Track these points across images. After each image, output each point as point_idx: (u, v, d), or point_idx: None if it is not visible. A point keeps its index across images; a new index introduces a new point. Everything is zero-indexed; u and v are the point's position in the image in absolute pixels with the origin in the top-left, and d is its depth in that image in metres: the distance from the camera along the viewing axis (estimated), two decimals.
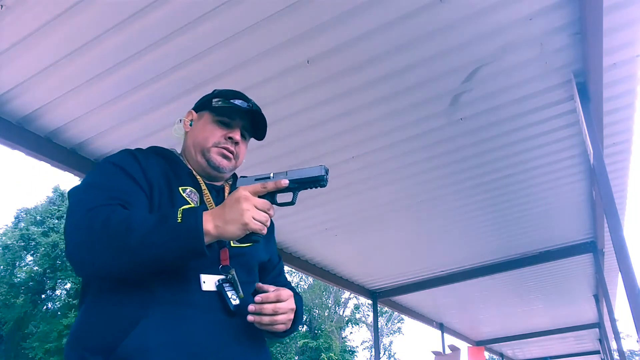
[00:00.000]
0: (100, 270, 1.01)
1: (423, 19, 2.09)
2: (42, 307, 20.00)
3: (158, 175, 1.16)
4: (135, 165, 1.14)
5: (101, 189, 1.06)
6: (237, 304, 1.08)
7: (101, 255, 0.96)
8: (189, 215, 0.97)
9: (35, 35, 2.11)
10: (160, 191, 1.13)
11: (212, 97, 1.32)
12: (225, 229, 0.98)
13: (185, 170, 1.26)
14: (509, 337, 8.92)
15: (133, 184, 1.10)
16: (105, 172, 1.12)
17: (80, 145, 2.87)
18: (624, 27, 2.16)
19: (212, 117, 1.29)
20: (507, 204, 3.81)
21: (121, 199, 1.04)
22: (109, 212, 0.98)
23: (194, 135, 1.30)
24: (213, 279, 1.09)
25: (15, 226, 21.21)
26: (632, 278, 2.19)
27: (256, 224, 0.99)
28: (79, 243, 0.98)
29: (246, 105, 1.27)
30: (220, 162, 1.25)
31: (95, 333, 1.00)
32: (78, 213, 1.01)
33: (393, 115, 2.72)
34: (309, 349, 22.51)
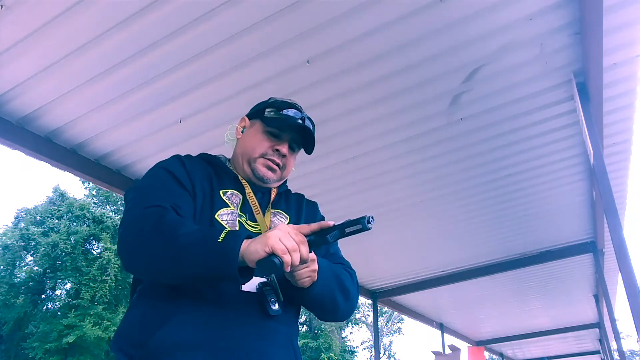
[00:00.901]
0: (143, 271, 1.06)
1: (423, 19, 2.09)
2: (42, 307, 19.98)
3: (201, 179, 1.21)
4: (182, 170, 1.20)
5: (155, 191, 1.13)
6: (276, 308, 1.08)
7: (151, 253, 1.00)
8: (230, 236, 0.96)
9: (35, 35, 2.11)
10: (203, 193, 1.17)
11: (265, 107, 1.34)
12: (250, 246, 0.94)
13: (230, 175, 1.29)
14: (509, 337, 8.92)
15: (180, 188, 1.15)
16: (158, 176, 1.19)
17: (80, 145, 2.87)
18: (624, 27, 2.16)
19: (263, 127, 1.30)
20: (507, 204, 3.81)
21: (172, 202, 1.09)
22: (163, 212, 1.04)
23: (244, 144, 1.32)
24: (254, 281, 1.07)
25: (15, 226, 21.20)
26: (632, 278, 2.19)
27: (279, 244, 0.93)
28: (132, 237, 1.04)
29: (298, 119, 1.29)
30: (265, 173, 1.27)
31: (133, 328, 1.06)
32: (135, 211, 1.07)
33: (393, 115, 2.72)
34: (309, 349, 22.51)
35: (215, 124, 2.72)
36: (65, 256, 19.60)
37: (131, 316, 1.10)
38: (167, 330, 1.00)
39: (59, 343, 17.81)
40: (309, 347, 22.47)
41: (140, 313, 1.08)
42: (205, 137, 2.82)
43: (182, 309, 1.03)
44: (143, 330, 1.02)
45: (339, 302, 1.20)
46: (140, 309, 1.10)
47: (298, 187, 3.86)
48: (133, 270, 1.10)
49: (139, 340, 1.01)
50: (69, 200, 21.71)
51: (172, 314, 1.02)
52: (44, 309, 20.00)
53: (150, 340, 0.99)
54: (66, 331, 18.00)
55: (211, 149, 1.99)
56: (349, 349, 25.47)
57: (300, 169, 3.21)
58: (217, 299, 1.05)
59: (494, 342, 9.18)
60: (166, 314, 1.02)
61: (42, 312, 19.57)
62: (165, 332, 0.99)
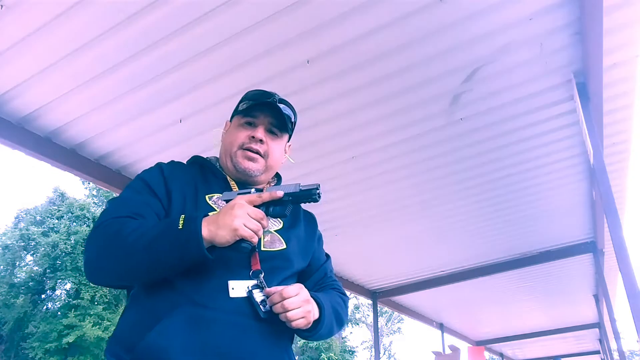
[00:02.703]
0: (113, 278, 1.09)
1: (423, 19, 2.09)
2: (42, 307, 19.98)
3: (182, 185, 1.20)
4: (159, 178, 1.20)
5: (122, 202, 1.15)
6: (267, 309, 1.07)
7: (114, 261, 1.03)
8: (190, 221, 1.01)
9: (35, 35, 2.11)
10: (184, 200, 1.17)
11: (239, 102, 1.34)
12: (217, 233, 1.00)
13: (219, 177, 1.29)
14: (509, 337, 8.91)
15: (152, 197, 1.16)
16: (131, 187, 1.20)
17: (80, 145, 2.87)
18: (624, 27, 2.16)
19: (239, 121, 1.30)
20: (507, 204, 3.81)
21: (135, 211, 1.10)
22: (123, 223, 1.05)
23: (224, 142, 1.33)
24: (243, 284, 1.08)
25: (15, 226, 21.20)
26: (632, 278, 2.19)
27: (246, 231, 1.01)
28: (93, 252, 1.06)
29: (268, 100, 1.27)
30: (246, 165, 1.25)
31: (125, 332, 1.06)
32: (100, 221, 1.09)
33: (393, 115, 2.72)
34: (309, 349, 22.51)
35: (215, 124, 2.71)
36: (65, 256, 19.60)
37: (124, 320, 1.10)
38: (157, 333, 0.99)
39: (59, 343, 17.81)
40: (309, 347, 22.47)
41: (132, 316, 1.09)
42: (205, 137, 2.82)
43: (173, 311, 1.02)
44: (134, 334, 1.02)
45: (333, 334, 1.25)
46: (133, 312, 1.10)
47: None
48: (101, 282, 1.12)
49: (129, 344, 1.01)
50: (69, 200, 21.72)
51: (163, 317, 1.02)
52: (44, 309, 20.00)
53: (139, 343, 0.99)
54: (66, 331, 18.00)
55: (211, 148, 1.99)
56: (349, 349, 25.47)
57: (301, 169, 3.21)
58: (208, 303, 1.05)
59: (494, 342, 9.18)
60: (157, 316, 1.02)
61: (42, 312, 19.57)
62: (154, 335, 0.99)
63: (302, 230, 1.32)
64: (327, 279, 1.35)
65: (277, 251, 1.18)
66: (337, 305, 1.26)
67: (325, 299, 1.18)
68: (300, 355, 22.82)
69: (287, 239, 1.22)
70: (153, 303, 1.06)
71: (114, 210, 1.12)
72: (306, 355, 22.51)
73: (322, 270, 1.35)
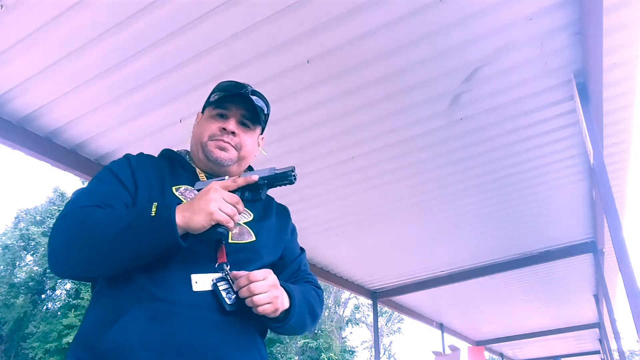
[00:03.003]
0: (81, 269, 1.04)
1: (423, 19, 2.09)
2: (42, 307, 20.00)
3: (149, 177, 1.18)
4: (126, 169, 1.18)
5: (90, 192, 1.12)
6: (232, 302, 1.04)
7: (82, 251, 1.00)
8: (163, 208, 1.00)
9: (35, 35, 2.11)
10: (151, 192, 1.15)
11: (211, 94, 1.32)
12: (192, 218, 0.99)
13: (188, 169, 1.26)
14: (509, 337, 8.91)
15: (120, 187, 1.13)
16: (98, 177, 1.17)
17: (80, 145, 2.87)
18: (624, 27, 2.16)
19: (210, 112, 1.29)
20: (507, 204, 3.81)
21: (102, 201, 1.08)
22: (91, 212, 1.03)
23: (195, 134, 1.31)
24: (208, 278, 1.05)
25: (15, 226, 21.22)
26: (632, 278, 2.19)
27: (221, 215, 1.00)
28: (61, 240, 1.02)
29: (240, 91, 1.25)
30: (218, 154, 1.23)
31: (86, 331, 1.02)
32: (65, 211, 1.06)
33: (393, 115, 2.72)
34: (309, 349, 22.51)
35: None
36: None
37: (85, 318, 1.07)
38: (117, 331, 0.96)
39: (59, 343, 17.82)
40: (309, 347, 22.47)
41: (94, 315, 1.05)
42: None
43: (133, 307, 0.99)
44: (94, 332, 0.99)
45: (307, 328, 1.22)
46: (94, 309, 1.06)
47: (298, 186, 3.84)
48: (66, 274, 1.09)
49: (90, 343, 0.98)
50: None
51: (123, 314, 0.98)
52: (44, 309, 20.02)
53: (99, 342, 0.96)
54: (66, 331, 18.01)
55: None
56: (349, 349, 25.47)
57: (300, 169, 3.21)
58: (170, 297, 1.01)
59: (494, 342, 9.18)
60: (117, 313, 0.99)
61: (42, 312, 19.58)
62: (114, 332, 0.96)
63: (273, 222, 1.29)
64: (301, 272, 1.32)
65: (246, 244, 1.16)
66: (311, 297, 1.22)
67: (296, 289, 1.15)
68: (300, 355, 22.82)
69: (257, 232, 1.20)
70: (113, 299, 1.03)
71: (80, 200, 1.09)
72: (306, 355, 22.51)
73: (296, 264, 1.32)
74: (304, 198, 3.53)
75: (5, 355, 18.57)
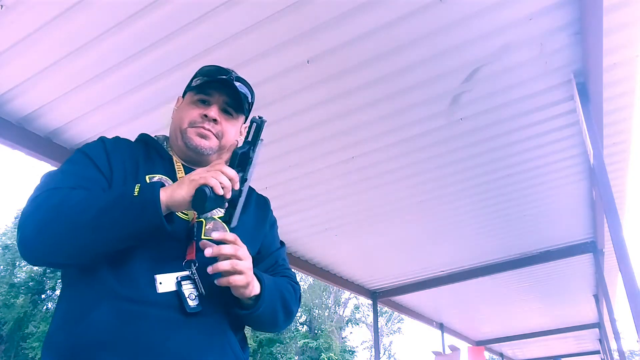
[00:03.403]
0: (56, 254, 0.97)
1: (423, 19, 2.09)
2: (42, 307, 19.99)
3: (124, 162, 1.13)
4: (101, 152, 1.13)
5: (63, 174, 1.06)
6: (194, 305, 0.99)
7: (59, 234, 0.94)
8: (146, 188, 0.95)
9: (35, 35, 2.11)
10: (125, 177, 1.10)
11: (193, 78, 1.26)
12: (174, 191, 0.95)
13: (164, 157, 1.21)
14: (509, 337, 8.91)
15: (94, 170, 1.08)
16: (72, 160, 1.12)
17: (80, 145, 2.87)
18: (624, 27, 2.16)
19: (191, 97, 1.22)
20: (507, 204, 3.81)
21: (82, 185, 1.03)
22: (66, 193, 0.98)
23: (174, 119, 1.25)
24: (173, 277, 1.00)
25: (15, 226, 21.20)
26: (632, 278, 2.19)
27: (210, 179, 0.94)
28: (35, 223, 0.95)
29: (223, 77, 1.18)
30: (198, 142, 1.17)
31: (55, 327, 0.99)
32: (36, 194, 1.00)
33: (393, 115, 2.72)
34: (309, 349, 22.51)
35: None
36: None
37: (55, 315, 1.03)
38: (83, 331, 0.92)
39: None
40: (309, 347, 22.47)
41: (63, 311, 1.01)
42: None
43: (98, 306, 0.94)
44: (61, 329, 0.96)
45: (279, 321, 1.15)
46: (63, 305, 1.02)
47: (298, 187, 3.84)
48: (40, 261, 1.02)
49: (58, 340, 0.95)
50: None
51: (88, 311, 0.94)
52: (44, 309, 20.01)
53: (66, 341, 0.93)
54: None
55: None
56: (349, 349, 25.46)
57: (300, 169, 3.21)
58: (135, 297, 0.96)
59: (494, 342, 9.18)
60: (82, 311, 0.95)
61: (42, 312, 19.58)
62: (81, 330, 0.92)
63: (251, 215, 1.22)
64: (278, 266, 1.25)
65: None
66: (285, 290, 1.16)
67: (268, 278, 1.10)
68: (300, 355, 22.82)
69: None
70: (79, 294, 0.99)
71: (53, 181, 1.03)
72: (306, 356, 22.51)
73: (273, 257, 1.26)
74: (304, 198, 3.53)
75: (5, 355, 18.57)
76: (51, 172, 1.08)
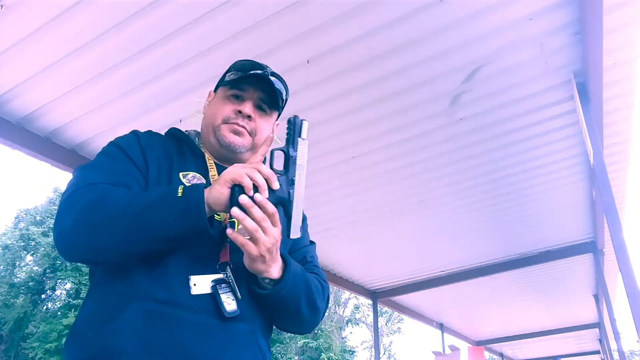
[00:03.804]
0: (93, 250, 0.95)
1: (423, 19, 2.09)
2: (42, 307, 19.99)
3: (158, 158, 1.10)
4: (135, 146, 1.09)
5: (99, 169, 1.03)
6: (232, 309, 0.96)
7: (97, 232, 0.91)
8: (190, 190, 0.92)
9: (35, 35, 2.11)
10: (159, 173, 1.07)
11: (226, 72, 1.22)
12: (211, 191, 0.91)
13: (197, 154, 1.17)
14: (509, 337, 8.91)
15: (130, 165, 1.05)
16: (107, 153, 1.09)
17: (80, 145, 2.87)
18: (624, 27, 2.16)
19: (225, 92, 1.18)
20: (507, 204, 3.81)
21: (116, 179, 1.00)
22: (106, 189, 0.95)
23: (207, 114, 1.21)
24: (207, 280, 0.97)
25: (15, 226, 21.21)
26: (632, 278, 2.19)
27: (244, 177, 0.90)
28: (74, 218, 0.92)
29: (259, 72, 1.14)
30: (232, 138, 1.13)
31: (83, 324, 0.96)
32: (74, 188, 0.97)
33: (393, 115, 2.72)
34: (309, 349, 22.51)
35: None
36: None
37: (83, 311, 0.99)
38: (113, 332, 0.89)
39: (59, 343, 17.80)
40: (309, 347, 22.47)
41: (91, 307, 0.98)
42: None
43: (129, 306, 0.91)
44: (90, 327, 0.93)
45: (304, 316, 1.09)
46: (92, 301, 0.99)
47: None
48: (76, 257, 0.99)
49: (86, 339, 0.92)
50: None
51: (119, 311, 0.91)
52: (44, 309, 20.01)
53: (95, 340, 0.90)
54: (66, 331, 17.98)
55: None
56: (349, 349, 25.46)
57: None
58: (168, 299, 0.93)
59: (494, 342, 9.18)
60: (112, 310, 0.92)
61: (42, 312, 19.58)
62: (110, 333, 0.89)
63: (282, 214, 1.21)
64: (306, 263, 1.20)
65: None
66: (312, 283, 1.11)
67: (296, 265, 1.05)
68: (300, 355, 22.82)
69: None
70: (111, 293, 0.96)
71: (90, 176, 0.99)
72: (306, 355, 22.51)
73: (301, 254, 1.21)
74: (304, 198, 3.53)
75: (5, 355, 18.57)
76: (85, 165, 1.05)
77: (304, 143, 1.01)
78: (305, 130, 1.02)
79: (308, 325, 1.14)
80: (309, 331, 1.21)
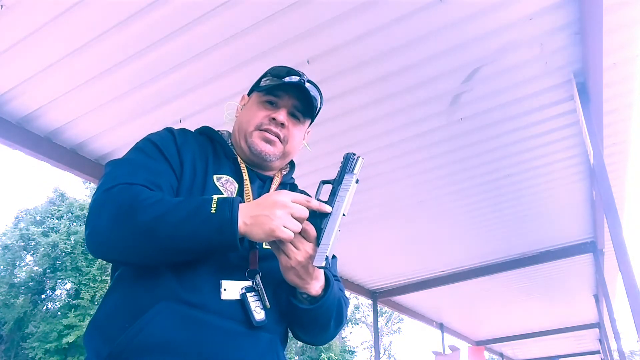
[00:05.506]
0: (124, 252, 0.94)
1: (423, 19, 2.09)
2: (42, 307, 19.99)
3: (194, 158, 1.08)
4: (171, 145, 1.08)
5: (133, 167, 1.01)
6: (261, 318, 0.96)
7: (127, 237, 0.90)
8: (224, 205, 0.90)
9: (35, 35, 2.11)
10: (194, 174, 1.06)
11: (262, 77, 1.21)
12: (252, 229, 0.90)
13: (230, 156, 1.16)
14: (509, 337, 8.91)
15: (166, 165, 1.04)
16: (142, 149, 1.07)
17: (80, 145, 2.87)
18: (624, 27, 2.16)
19: (259, 98, 1.17)
20: (507, 204, 3.81)
21: (150, 180, 0.98)
22: (140, 193, 0.93)
23: (240, 120, 1.20)
24: (237, 286, 0.97)
25: (15, 226, 21.21)
26: (632, 278, 2.19)
27: (284, 232, 0.90)
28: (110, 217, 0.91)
29: (295, 80, 1.13)
30: (263, 147, 1.12)
31: (108, 317, 0.96)
32: (107, 185, 0.96)
33: (393, 115, 2.72)
34: (309, 349, 22.52)
35: (215, 124, 2.69)
36: (65, 256, 19.62)
37: (107, 303, 0.98)
38: (139, 328, 0.89)
39: (59, 343, 17.82)
40: (308, 347, 22.48)
41: (117, 301, 0.97)
42: None
43: (157, 305, 0.91)
44: (114, 323, 0.92)
45: (330, 329, 1.10)
46: (118, 295, 0.98)
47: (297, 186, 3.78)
48: (107, 257, 0.99)
49: (111, 333, 0.91)
50: (69, 200, 21.73)
51: (146, 309, 0.90)
52: (44, 309, 20.01)
53: (119, 337, 0.89)
54: (66, 331, 18.02)
55: None
56: (348, 349, 25.48)
57: (300, 169, 3.20)
58: (196, 302, 0.93)
59: (494, 342, 9.18)
60: (143, 305, 0.91)
61: (42, 312, 19.58)
62: (136, 329, 0.89)
63: None
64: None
65: None
66: (343, 303, 1.12)
67: (336, 287, 1.07)
68: (300, 355, 22.83)
69: None
70: (137, 288, 0.95)
71: (124, 174, 0.98)
72: (306, 356, 22.51)
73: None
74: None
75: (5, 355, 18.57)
76: (119, 161, 1.04)
77: (352, 177, 1.04)
78: (359, 167, 1.05)
79: (330, 338, 1.15)
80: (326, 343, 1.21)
